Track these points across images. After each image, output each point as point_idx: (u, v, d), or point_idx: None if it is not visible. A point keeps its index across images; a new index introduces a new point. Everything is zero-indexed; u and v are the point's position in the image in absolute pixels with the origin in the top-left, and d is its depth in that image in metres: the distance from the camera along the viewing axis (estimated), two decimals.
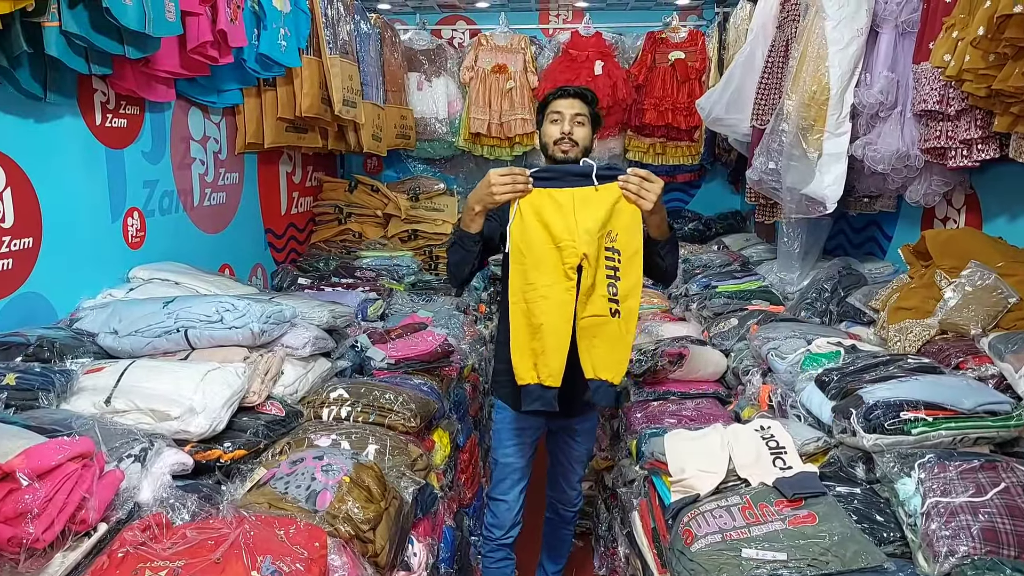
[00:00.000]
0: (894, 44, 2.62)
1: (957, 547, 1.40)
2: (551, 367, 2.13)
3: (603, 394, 2.15)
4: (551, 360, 2.12)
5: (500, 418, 2.63)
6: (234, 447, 1.80)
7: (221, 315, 2.07)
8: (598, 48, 5.11)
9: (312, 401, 2.27)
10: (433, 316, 3.43)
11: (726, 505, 1.70)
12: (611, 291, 2.09)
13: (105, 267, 2.57)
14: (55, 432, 1.39)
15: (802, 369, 2.21)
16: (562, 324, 2.12)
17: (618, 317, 2.10)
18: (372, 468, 1.80)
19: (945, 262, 2.27)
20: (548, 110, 2.48)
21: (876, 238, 3.51)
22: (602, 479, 3.23)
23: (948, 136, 2.33)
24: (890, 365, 1.95)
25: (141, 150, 2.80)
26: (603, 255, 2.11)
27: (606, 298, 2.09)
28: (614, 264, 2.10)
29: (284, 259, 4.25)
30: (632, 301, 2.12)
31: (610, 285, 2.09)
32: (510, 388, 2.36)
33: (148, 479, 1.53)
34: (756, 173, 3.12)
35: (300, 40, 3.44)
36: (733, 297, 3.40)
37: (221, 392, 1.80)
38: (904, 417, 1.70)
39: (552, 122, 2.45)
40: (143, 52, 2.28)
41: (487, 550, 2.73)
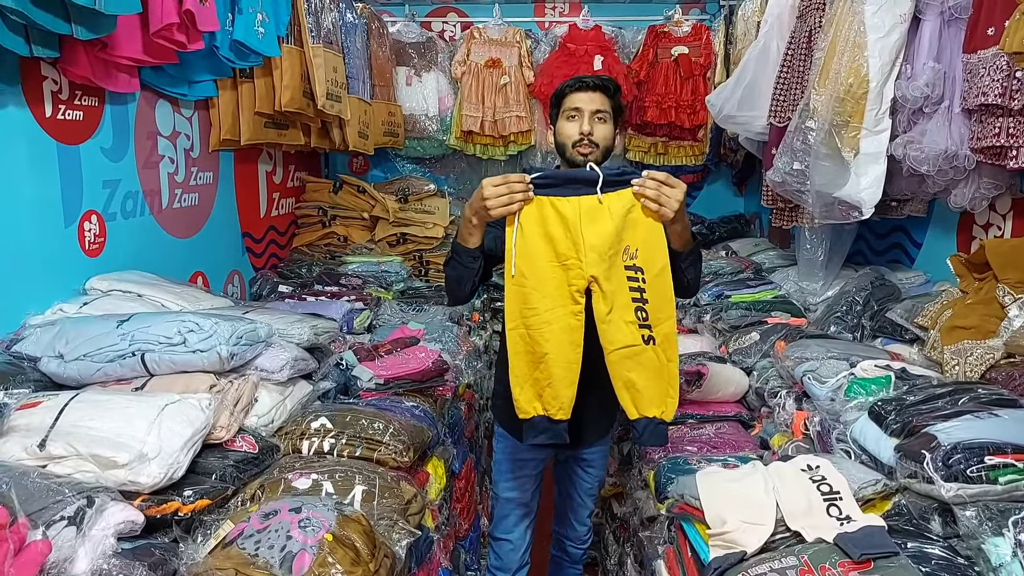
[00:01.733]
0: (939, 32, 2.38)
1: None
2: (560, 399, 1.88)
3: (652, 434, 1.90)
4: (560, 391, 1.87)
5: (500, 448, 2.37)
6: (196, 496, 1.51)
7: (184, 336, 1.79)
8: (597, 42, 4.86)
9: (291, 432, 1.99)
10: (425, 328, 3.16)
11: (781, 568, 1.43)
12: (640, 316, 1.83)
13: (57, 278, 2.28)
14: None
15: (847, 396, 1.95)
16: (571, 352, 1.87)
17: (653, 344, 1.83)
18: (359, 521, 1.52)
19: (1008, 275, 2.03)
20: (564, 105, 2.15)
21: (903, 244, 3.27)
22: (610, 507, 2.97)
23: (1009, 133, 2.08)
24: (959, 396, 1.69)
25: (100, 146, 2.50)
26: (623, 275, 1.84)
27: (635, 324, 1.83)
28: (638, 285, 1.83)
29: (263, 265, 3.96)
30: (667, 325, 1.85)
31: (638, 310, 1.82)
32: (511, 414, 2.05)
33: (86, 545, 1.25)
34: (778, 174, 2.87)
35: (280, 27, 3.15)
36: (750, 308, 3.15)
37: (180, 431, 1.52)
38: (989, 463, 1.44)
39: (569, 119, 2.13)
40: (96, 33, 1.99)
41: None
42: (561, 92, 2.18)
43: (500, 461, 2.37)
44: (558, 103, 2.19)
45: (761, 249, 4.23)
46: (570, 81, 2.18)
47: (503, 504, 2.37)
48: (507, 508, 2.36)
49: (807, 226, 3.11)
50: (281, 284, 3.71)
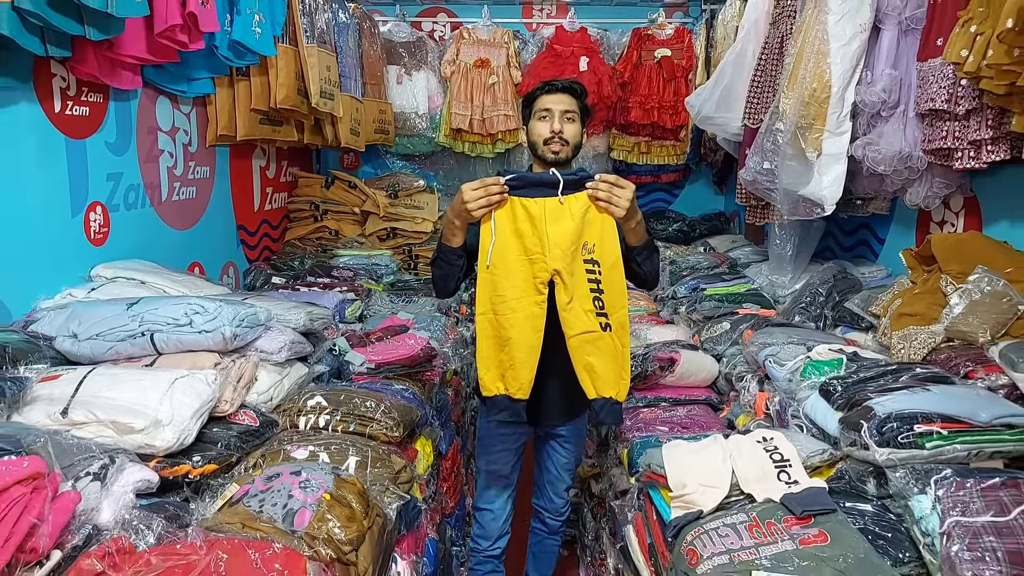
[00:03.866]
0: (897, 41, 2.55)
1: (983, 571, 1.31)
2: (520, 380, 2.07)
3: (608, 412, 2.08)
4: (520, 373, 2.06)
5: (482, 424, 2.53)
6: (204, 461, 1.66)
7: (190, 318, 1.93)
8: (583, 44, 5.01)
9: (288, 409, 2.14)
10: (414, 318, 3.31)
11: (732, 523, 1.60)
12: (597, 304, 2.01)
13: (65, 265, 2.41)
14: (1, 451, 1.25)
15: (803, 377, 2.12)
16: (532, 336, 2.06)
17: (610, 331, 2.02)
18: (354, 484, 1.67)
19: (951, 267, 2.20)
20: (535, 106, 2.31)
21: (868, 241, 3.45)
22: (588, 487, 3.13)
23: (955, 136, 2.25)
24: (899, 374, 1.86)
25: (105, 140, 2.64)
26: (582, 268, 2.03)
27: (593, 312, 2.01)
28: (595, 276, 2.01)
29: (257, 257, 4.10)
30: (621, 313, 2.05)
31: (595, 299, 2.01)
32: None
33: (109, 499, 1.39)
34: (750, 173, 3.03)
35: (275, 27, 3.29)
36: (723, 300, 3.31)
37: (190, 402, 1.66)
38: (918, 430, 1.61)
39: (540, 119, 2.29)
40: (106, 34, 2.13)
41: (474, 562, 2.62)
42: (532, 95, 2.34)
43: (482, 437, 2.52)
44: (530, 105, 2.34)
45: (738, 245, 4.40)
46: (540, 84, 2.34)
47: (485, 476, 2.52)
48: (489, 480, 2.52)
49: (777, 223, 3.28)
50: (274, 276, 3.85)
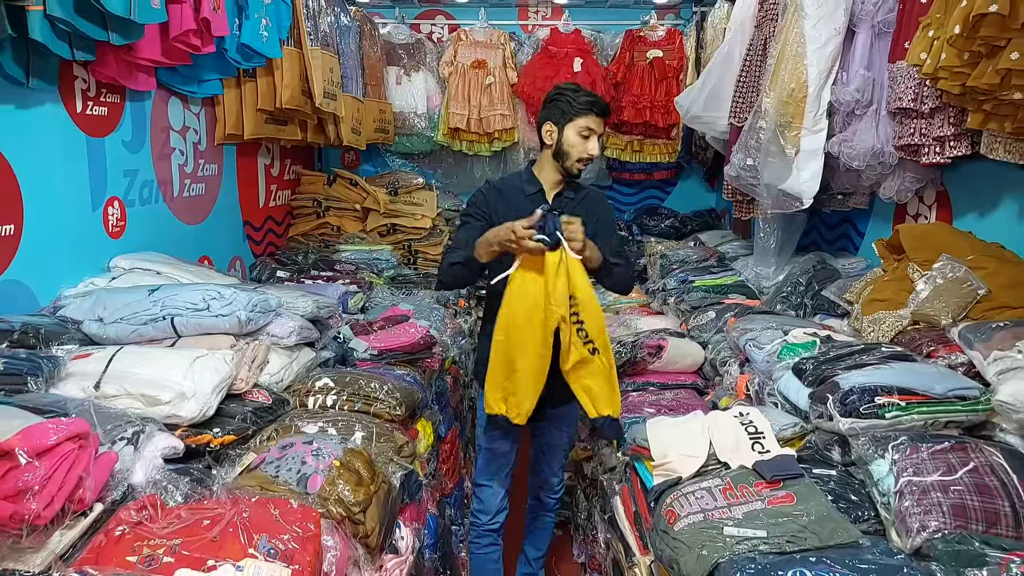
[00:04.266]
0: (870, 43, 2.70)
1: (928, 523, 1.46)
2: (521, 408, 2.25)
3: (609, 428, 2.29)
4: (522, 402, 2.24)
5: (482, 407, 2.65)
6: (224, 432, 1.81)
7: (208, 303, 2.08)
8: (577, 45, 5.15)
9: (298, 390, 2.28)
10: (414, 309, 3.45)
11: (708, 487, 1.75)
12: (581, 335, 2.18)
13: (86, 256, 2.56)
14: (50, 413, 1.40)
15: (779, 358, 2.27)
16: (540, 373, 2.23)
17: (597, 354, 2.20)
18: (361, 453, 1.82)
19: (918, 255, 2.35)
20: (580, 122, 2.36)
21: (849, 234, 3.60)
22: (581, 469, 3.27)
23: (922, 133, 2.40)
24: (864, 353, 2.01)
25: (122, 139, 2.78)
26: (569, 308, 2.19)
27: (581, 342, 2.19)
28: (576, 310, 2.17)
29: (262, 252, 4.24)
30: (602, 338, 2.22)
31: (579, 330, 2.18)
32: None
33: (141, 462, 1.54)
34: (734, 169, 3.18)
35: (281, 31, 3.43)
36: (710, 291, 3.46)
37: (210, 378, 1.81)
38: (878, 402, 1.76)
39: (582, 136, 2.37)
40: (127, 39, 2.27)
41: (474, 536, 2.75)
42: (578, 107, 2.36)
43: (482, 417, 2.61)
44: (572, 112, 2.36)
45: (727, 240, 4.54)
46: (592, 100, 2.38)
47: (486, 453, 2.63)
48: (489, 457, 2.63)
49: (761, 217, 3.43)
50: (279, 270, 3.99)
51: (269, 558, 1.31)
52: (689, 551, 1.56)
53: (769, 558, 1.47)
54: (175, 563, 1.26)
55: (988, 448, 1.61)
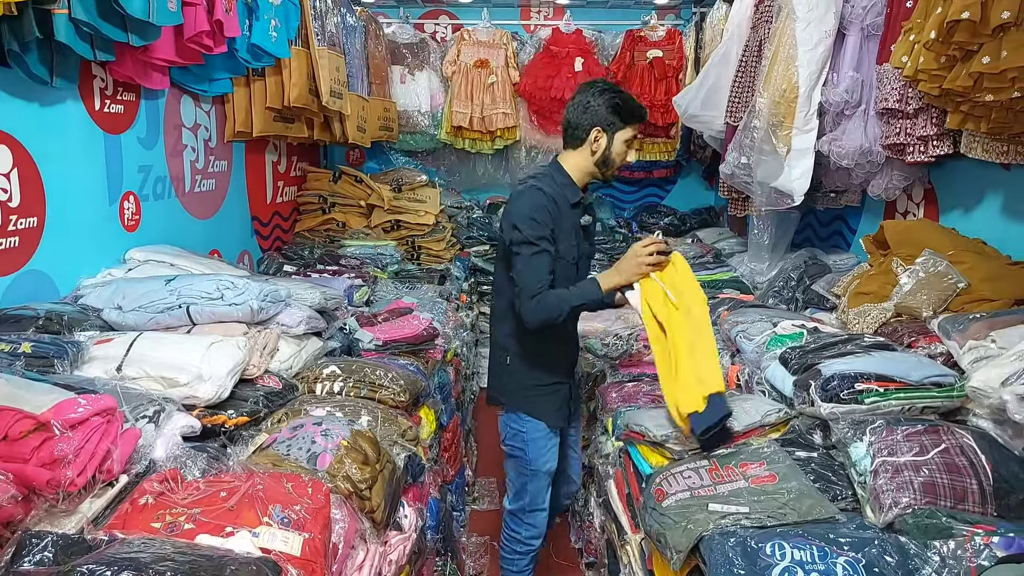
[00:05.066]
0: (859, 46, 2.79)
1: (900, 499, 1.56)
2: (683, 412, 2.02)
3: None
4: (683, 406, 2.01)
5: (532, 428, 2.51)
6: (237, 414, 1.90)
7: (222, 292, 2.18)
8: (578, 45, 5.25)
9: (306, 377, 2.38)
10: (417, 302, 3.55)
11: (695, 467, 1.84)
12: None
13: (103, 248, 2.66)
14: (81, 390, 1.50)
15: (768, 349, 2.36)
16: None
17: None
18: (367, 434, 1.92)
19: (902, 250, 2.44)
20: (629, 129, 2.33)
21: (841, 231, 3.69)
22: None
23: (907, 133, 2.50)
24: (847, 343, 2.11)
25: (137, 136, 2.88)
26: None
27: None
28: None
29: (269, 247, 4.34)
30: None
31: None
32: (549, 405, 2.50)
33: (161, 438, 1.64)
34: (729, 167, 3.28)
35: (290, 31, 3.53)
36: (706, 287, 3.55)
37: (225, 362, 1.91)
38: (858, 388, 1.85)
39: (627, 145, 2.34)
40: (145, 40, 2.37)
41: (524, 563, 2.67)
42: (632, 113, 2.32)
43: (535, 440, 2.50)
44: (623, 119, 2.30)
45: (724, 237, 4.64)
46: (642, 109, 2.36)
47: (543, 477, 2.54)
48: (546, 480, 2.56)
49: (755, 214, 3.53)
50: (286, 264, 4.09)
51: (282, 526, 1.41)
52: (675, 525, 1.66)
53: (750, 531, 1.56)
54: (196, 529, 1.36)
55: (960, 431, 1.71)
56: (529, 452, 2.53)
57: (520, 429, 2.52)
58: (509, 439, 2.57)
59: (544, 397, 2.51)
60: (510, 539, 2.67)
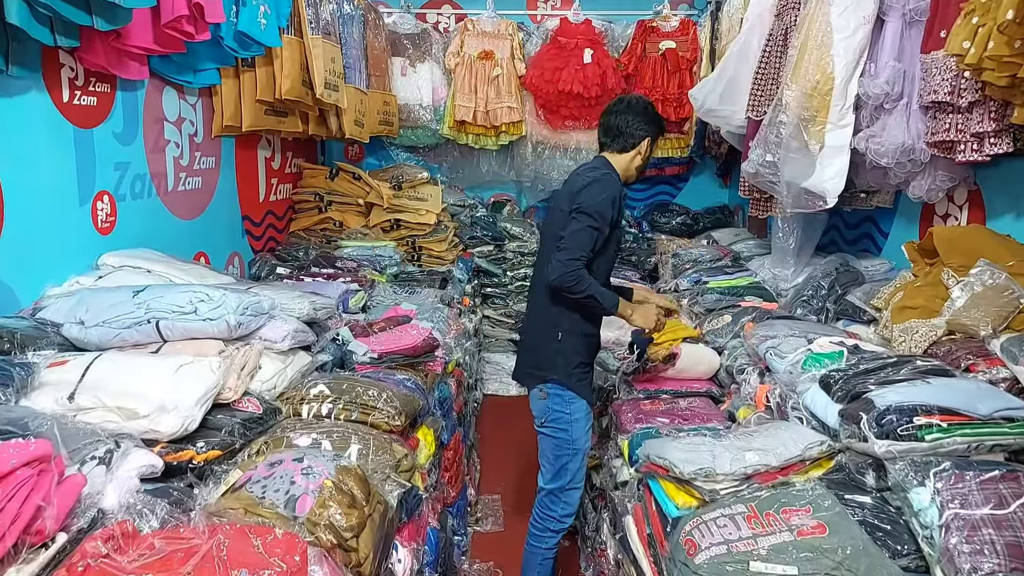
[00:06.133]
0: (900, 33, 2.54)
1: (981, 563, 1.32)
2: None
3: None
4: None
5: (577, 408, 2.61)
6: (208, 447, 1.68)
7: (195, 306, 1.95)
8: (587, 36, 5.01)
9: (291, 397, 2.15)
10: (417, 308, 3.32)
11: (730, 514, 1.61)
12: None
13: (72, 253, 2.43)
14: (8, 434, 1.27)
15: (803, 369, 2.13)
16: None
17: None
18: (355, 471, 1.69)
19: (953, 260, 2.20)
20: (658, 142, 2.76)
21: (871, 234, 3.45)
22: (589, 478, 3.14)
23: (958, 129, 2.25)
24: (899, 367, 1.87)
25: (112, 130, 2.65)
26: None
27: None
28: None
29: (262, 248, 4.11)
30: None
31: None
32: (588, 385, 2.66)
33: (113, 483, 1.41)
34: (752, 166, 3.04)
35: (281, 19, 3.30)
36: (725, 293, 3.32)
37: (195, 388, 1.68)
38: (917, 423, 1.62)
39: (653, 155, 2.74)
40: (113, 24, 2.13)
41: (553, 542, 2.72)
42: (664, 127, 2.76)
43: (579, 420, 2.61)
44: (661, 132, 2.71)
45: (741, 239, 4.40)
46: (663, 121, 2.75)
47: (583, 455, 2.65)
48: (584, 460, 2.68)
49: (780, 216, 3.28)
50: (279, 266, 3.87)
51: None
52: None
53: None
54: None
55: None
56: (573, 431, 2.61)
57: (565, 411, 2.60)
58: (551, 421, 2.62)
59: (587, 376, 2.66)
60: (543, 517, 2.71)
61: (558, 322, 2.59)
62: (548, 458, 2.66)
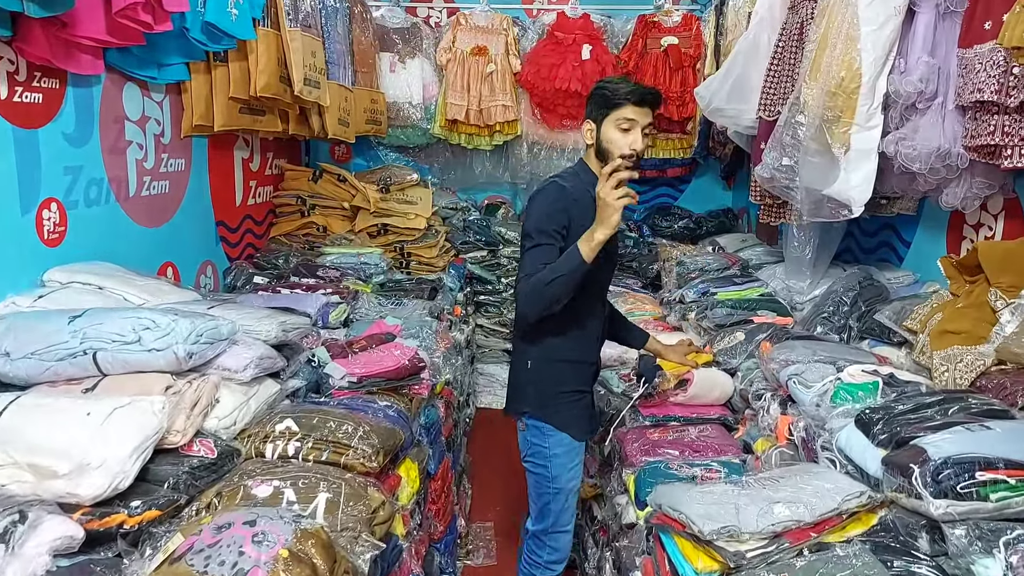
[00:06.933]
0: (934, 25, 2.30)
1: None
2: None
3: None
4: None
5: (555, 442, 2.35)
6: (144, 507, 1.42)
7: (139, 334, 1.69)
8: (586, 31, 4.77)
9: (254, 435, 1.90)
10: (403, 323, 3.07)
11: None
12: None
13: (13, 268, 2.16)
14: None
15: (833, 403, 1.88)
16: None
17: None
18: (318, 534, 1.43)
19: (1002, 279, 1.96)
20: (617, 112, 2.18)
21: (892, 243, 3.20)
22: (590, 509, 2.90)
23: (1005, 132, 2.00)
24: (949, 406, 1.62)
25: (62, 131, 2.39)
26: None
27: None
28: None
29: (239, 255, 3.85)
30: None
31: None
32: (573, 415, 2.35)
33: (16, 564, 1.16)
34: (767, 170, 2.79)
35: (255, 9, 3.04)
36: (736, 307, 3.07)
37: (129, 437, 1.43)
38: (980, 478, 1.37)
39: (622, 130, 2.18)
40: (49, 11, 1.88)
41: None
42: (616, 99, 2.17)
43: (558, 455, 2.34)
44: (607, 105, 2.19)
45: (748, 245, 4.16)
46: (631, 88, 2.18)
47: (567, 495, 2.38)
48: (571, 499, 2.40)
49: (795, 223, 3.04)
50: (257, 275, 3.61)
51: None
52: None
53: None
54: None
55: None
56: (552, 468, 2.37)
57: (542, 444, 2.36)
58: (530, 455, 2.41)
59: (568, 406, 2.36)
60: (530, 563, 2.50)
61: (526, 349, 2.37)
62: (532, 496, 2.45)
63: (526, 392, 2.38)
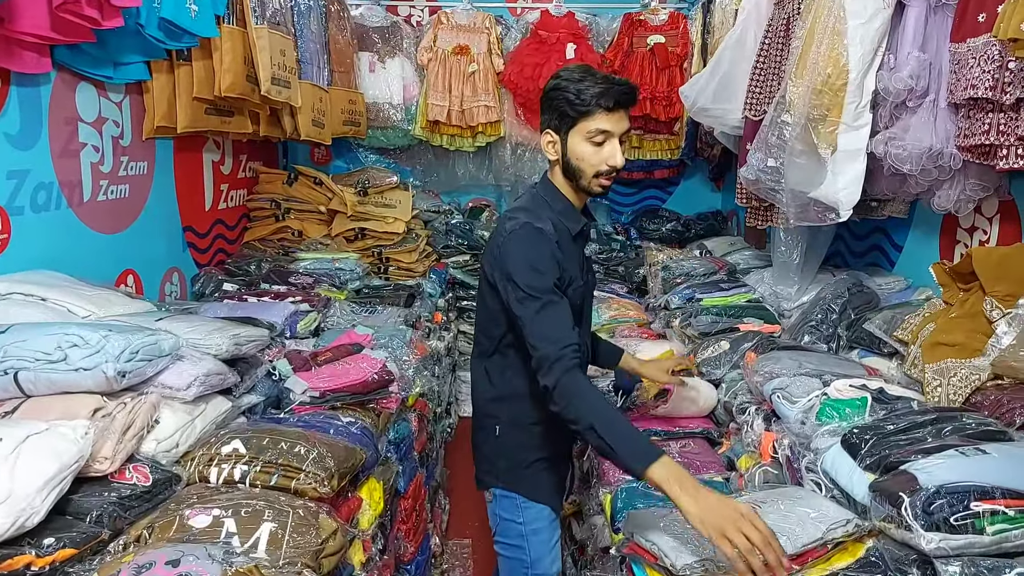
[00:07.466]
0: (924, 19, 2.18)
1: None
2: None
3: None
4: None
5: (533, 516, 2.01)
6: (58, 545, 1.29)
7: (65, 352, 1.56)
8: (570, 29, 4.66)
9: (199, 458, 1.77)
10: (374, 332, 2.93)
11: None
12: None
13: None
14: None
15: (819, 420, 1.76)
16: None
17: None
18: (251, 574, 1.31)
19: (998, 288, 1.84)
20: (587, 123, 1.79)
21: (882, 247, 3.09)
22: (569, 527, 2.77)
23: (1000, 131, 1.89)
24: (942, 426, 1.50)
25: (4, 132, 2.26)
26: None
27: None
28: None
29: (209, 261, 3.71)
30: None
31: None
32: (551, 484, 2.05)
33: None
34: (752, 171, 2.67)
35: (217, 6, 2.91)
36: (721, 313, 2.95)
37: (42, 468, 1.29)
38: (975, 509, 1.25)
39: (594, 143, 1.80)
40: None
41: None
42: (582, 105, 1.78)
43: (537, 532, 2.01)
44: (575, 113, 1.80)
45: (737, 249, 4.04)
46: (599, 88, 1.77)
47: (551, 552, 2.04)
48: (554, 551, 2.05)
49: (782, 227, 2.92)
50: (227, 282, 3.48)
51: None
52: None
53: None
54: None
55: None
56: (531, 548, 2.02)
57: (516, 520, 2.02)
58: (503, 535, 2.06)
59: (545, 474, 2.05)
60: None
61: (494, 413, 2.02)
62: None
63: (495, 464, 2.04)
